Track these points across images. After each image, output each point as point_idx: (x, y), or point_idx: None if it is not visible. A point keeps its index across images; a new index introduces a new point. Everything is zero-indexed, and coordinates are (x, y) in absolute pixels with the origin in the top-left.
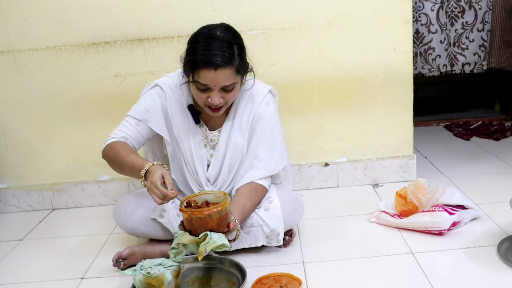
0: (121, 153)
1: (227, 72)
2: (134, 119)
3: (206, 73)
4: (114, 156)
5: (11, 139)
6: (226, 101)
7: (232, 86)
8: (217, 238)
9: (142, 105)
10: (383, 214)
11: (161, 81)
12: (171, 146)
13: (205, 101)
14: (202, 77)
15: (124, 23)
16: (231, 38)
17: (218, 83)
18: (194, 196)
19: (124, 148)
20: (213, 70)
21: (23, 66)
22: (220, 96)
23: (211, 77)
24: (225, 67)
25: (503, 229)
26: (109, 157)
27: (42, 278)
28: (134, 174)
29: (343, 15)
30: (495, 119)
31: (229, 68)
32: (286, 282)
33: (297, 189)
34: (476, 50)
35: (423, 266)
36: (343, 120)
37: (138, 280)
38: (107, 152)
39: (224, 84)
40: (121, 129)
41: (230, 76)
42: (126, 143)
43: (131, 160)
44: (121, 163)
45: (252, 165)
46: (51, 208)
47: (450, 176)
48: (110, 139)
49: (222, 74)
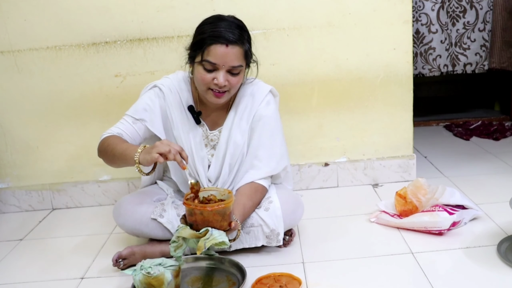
0: (113, 143)
1: (238, 51)
2: (131, 117)
3: (217, 48)
4: (107, 147)
5: (11, 139)
6: (230, 87)
7: (239, 70)
8: (218, 235)
9: (140, 105)
10: (383, 214)
11: (160, 82)
12: None
13: (210, 83)
14: (212, 53)
15: (124, 23)
16: (241, 23)
17: (227, 62)
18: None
19: (117, 139)
20: (224, 46)
21: (23, 66)
22: (225, 78)
23: (222, 53)
24: (236, 44)
25: (503, 229)
26: (103, 150)
27: (42, 278)
28: (127, 160)
29: (343, 15)
30: (495, 119)
31: (239, 47)
32: (286, 282)
33: (297, 189)
34: (478, 50)
35: (423, 266)
36: (343, 120)
37: (138, 280)
38: (101, 146)
39: (233, 64)
40: (117, 126)
41: (240, 56)
42: (120, 137)
43: (121, 147)
44: (114, 153)
45: (253, 165)
46: (51, 208)
47: (450, 176)
48: (105, 134)
49: (232, 51)
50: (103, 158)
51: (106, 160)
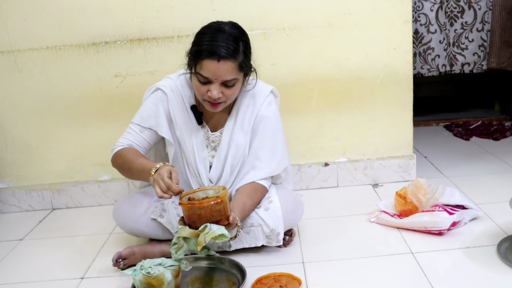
0: (130, 158)
1: (230, 66)
2: (138, 126)
3: (209, 64)
4: (123, 163)
5: (11, 139)
6: (226, 98)
7: (233, 83)
8: (217, 228)
9: (145, 111)
10: (383, 214)
11: (162, 84)
12: (174, 147)
13: (204, 94)
14: (205, 68)
15: (124, 23)
16: (238, 34)
17: (219, 76)
18: (194, 192)
19: (132, 153)
20: (215, 61)
21: (23, 66)
22: (219, 90)
23: (213, 69)
24: (228, 59)
25: (503, 229)
26: (119, 164)
27: (42, 278)
28: (144, 176)
29: (343, 15)
30: (495, 119)
31: (232, 61)
32: (286, 282)
33: (297, 189)
34: (476, 50)
35: (422, 266)
36: (343, 120)
37: (138, 280)
38: (116, 159)
39: (225, 78)
40: (126, 136)
41: (232, 70)
42: (134, 149)
43: (140, 163)
44: (131, 168)
45: (254, 166)
46: (51, 208)
47: (450, 176)
48: (117, 147)
49: (224, 66)
50: (119, 170)
51: (122, 173)
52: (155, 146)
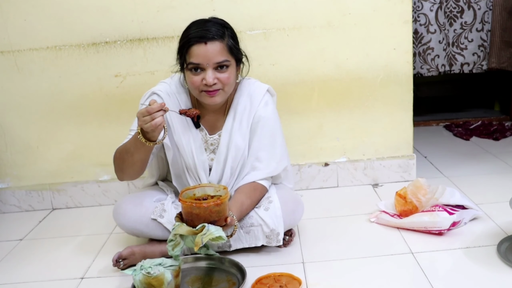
0: (122, 147)
1: (218, 46)
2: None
3: (198, 49)
4: (120, 155)
5: (11, 139)
6: (222, 85)
7: (226, 65)
8: (214, 230)
9: None
10: (383, 214)
11: (157, 89)
12: (172, 152)
13: (200, 84)
14: (194, 54)
15: (124, 23)
16: (223, 22)
17: (210, 58)
18: (193, 187)
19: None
20: (203, 45)
21: (23, 66)
22: (214, 76)
23: (203, 52)
24: (215, 39)
25: (503, 229)
26: (117, 159)
27: (42, 278)
28: (137, 143)
29: (343, 15)
30: (495, 119)
31: (219, 42)
32: (286, 282)
33: (297, 189)
34: (475, 50)
35: (422, 266)
36: (343, 120)
37: (138, 280)
38: (114, 160)
39: (216, 59)
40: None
41: (222, 51)
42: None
43: (128, 140)
44: (127, 151)
45: (253, 167)
46: (51, 208)
47: (450, 176)
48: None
49: (213, 47)
50: (120, 167)
51: (126, 167)
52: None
